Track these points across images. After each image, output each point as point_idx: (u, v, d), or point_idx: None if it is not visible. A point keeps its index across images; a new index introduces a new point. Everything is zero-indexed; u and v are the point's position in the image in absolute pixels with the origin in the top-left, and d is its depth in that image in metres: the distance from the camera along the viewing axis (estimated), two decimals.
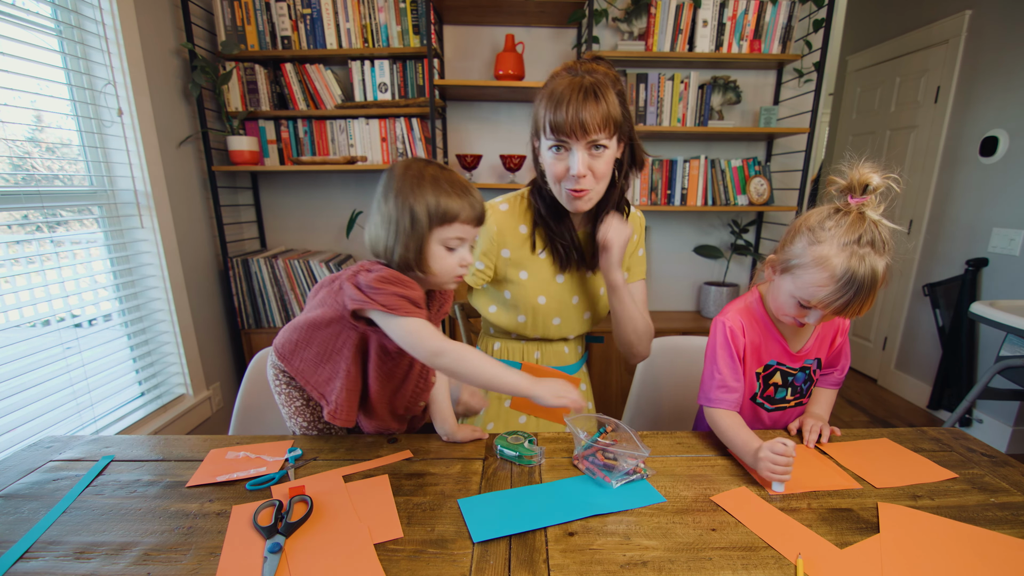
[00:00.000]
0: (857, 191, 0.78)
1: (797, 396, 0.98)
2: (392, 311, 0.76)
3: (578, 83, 0.87)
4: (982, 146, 2.38)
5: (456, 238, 0.79)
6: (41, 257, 1.49)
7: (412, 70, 2.13)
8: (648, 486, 0.77)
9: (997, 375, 1.77)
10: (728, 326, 0.91)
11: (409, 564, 0.61)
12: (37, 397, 1.42)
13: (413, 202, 0.76)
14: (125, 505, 0.73)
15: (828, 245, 0.77)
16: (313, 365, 0.86)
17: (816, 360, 0.97)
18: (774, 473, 0.75)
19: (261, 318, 2.21)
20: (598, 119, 0.86)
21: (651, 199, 2.31)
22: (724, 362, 0.91)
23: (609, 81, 0.89)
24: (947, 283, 2.51)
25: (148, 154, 1.75)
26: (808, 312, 0.82)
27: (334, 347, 0.85)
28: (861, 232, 0.75)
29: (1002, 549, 0.64)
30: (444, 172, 0.80)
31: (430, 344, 0.76)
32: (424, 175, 0.78)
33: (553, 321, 1.09)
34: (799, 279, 0.80)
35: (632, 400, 1.32)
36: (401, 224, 0.76)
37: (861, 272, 0.74)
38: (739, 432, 0.85)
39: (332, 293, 0.83)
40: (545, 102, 0.89)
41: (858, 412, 2.74)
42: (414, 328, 0.77)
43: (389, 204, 0.77)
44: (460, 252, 0.81)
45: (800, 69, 2.26)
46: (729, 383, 0.90)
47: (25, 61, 1.42)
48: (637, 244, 1.11)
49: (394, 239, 0.77)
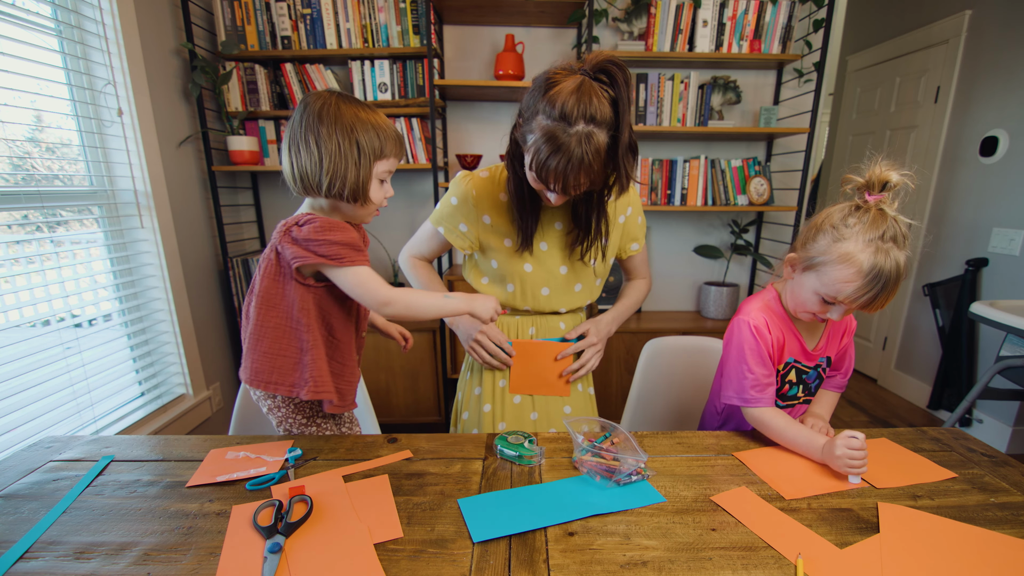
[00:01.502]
0: (876, 188, 0.80)
1: (806, 394, 1.00)
2: (338, 261, 0.79)
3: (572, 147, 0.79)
4: (982, 146, 2.38)
5: (387, 171, 0.84)
6: (41, 257, 1.49)
7: (412, 70, 2.13)
8: (648, 486, 0.77)
9: (997, 375, 1.77)
10: (754, 324, 0.91)
11: (409, 564, 0.61)
12: (37, 397, 1.42)
13: (358, 135, 0.78)
14: (125, 505, 0.73)
15: (853, 242, 0.78)
16: (271, 359, 0.85)
17: (827, 358, 0.98)
18: (852, 468, 0.78)
19: None
20: (582, 183, 0.85)
21: (651, 199, 2.31)
22: (755, 360, 0.91)
23: (606, 127, 0.81)
24: (947, 283, 2.51)
25: (148, 154, 1.75)
26: (831, 308, 0.83)
27: (291, 321, 0.84)
28: (884, 228, 0.77)
29: (1002, 549, 0.64)
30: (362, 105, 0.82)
31: (379, 294, 0.82)
32: (350, 109, 0.79)
33: (542, 291, 1.08)
34: (825, 276, 0.81)
35: (632, 400, 1.32)
36: (349, 156, 0.78)
37: (887, 267, 0.76)
38: (798, 429, 0.87)
39: (270, 261, 0.83)
40: (538, 136, 0.81)
41: (858, 412, 2.74)
42: (360, 279, 0.81)
43: (332, 137, 0.77)
44: (386, 185, 0.86)
45: (800, 69, 2.26)
46: (763, 380, 0.91)
47: (25, 61, 1.42)
48: (635, 214, 1.12)
49: (339, 172, 0.78)
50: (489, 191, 1.05)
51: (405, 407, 2.31)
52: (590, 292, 1.13)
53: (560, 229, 1.06)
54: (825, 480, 0.80)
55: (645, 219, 1.15)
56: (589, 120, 0.79)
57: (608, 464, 0.79)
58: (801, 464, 0.84)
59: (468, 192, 1.04)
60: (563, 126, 0.79)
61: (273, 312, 0.84)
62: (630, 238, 1.13)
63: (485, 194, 1.05)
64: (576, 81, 0.79)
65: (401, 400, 2.29)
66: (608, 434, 0.87)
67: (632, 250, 1.15)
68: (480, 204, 1.05)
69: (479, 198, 1.04)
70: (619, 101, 0.81)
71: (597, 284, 1.14)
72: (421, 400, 2.29)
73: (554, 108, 0.79)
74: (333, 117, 0.78)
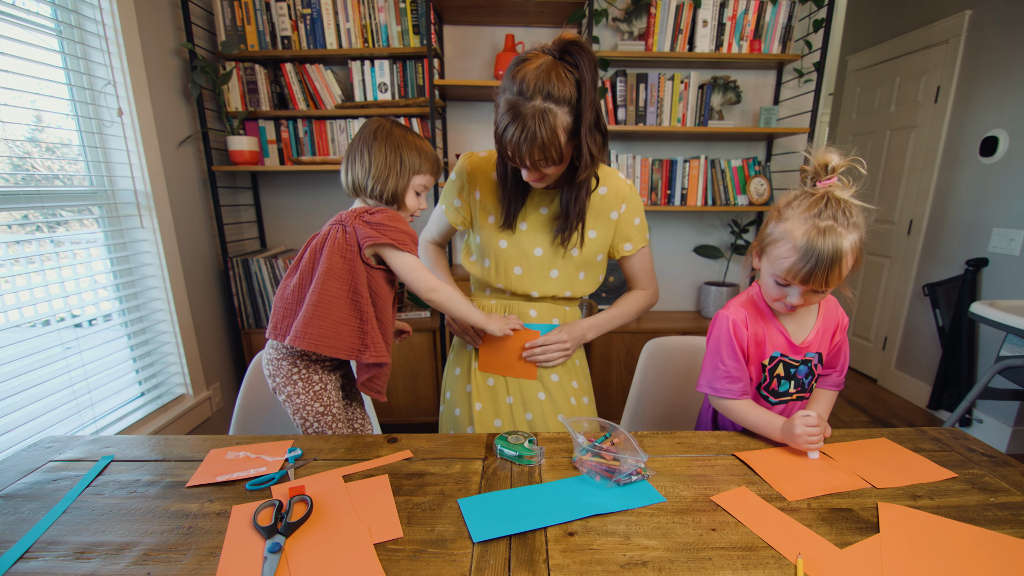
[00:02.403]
0: (822, 174, 0.85)
1: (799, 390, 0.99)
2: (401, 246, 0.93)
3: (527, 121, 0.83)
4: (982, 146, 2.38)
5: (423, 185, 0.99)
6: (41, 257, 1.49)
7: (412, 70, 2.13)
8: (648, 486, 0.77)
9: (997, 375, 1.77)
10: (731, 319, 0.94)
11: (409, 564, 0.61)
12: (37, 397, 1.42)
13: (403, 151, 0.95)
14: (125, 505, 0.73)
15: (792, 221, 0.83)
16: (335, 324, 0.92)
17: (818, 354, 0.98)
18: (811, 443, 0.85)
19: (261, 318, 2.21)
20: (536, 158, 0.87)
21: (651, 199, 2.31)
22: (728, 354, 0.94)
23: (565, 105, 0.84)
24: (947, 283, 2.51)
25: (148, 154, 1.75)
26: (787, 291, 0.87)
27: (353, 292, 0.94)
28: (821, 207, 0.81)
29: (1002, 549, 0.64)
30: (409, 131, 0.99)
31: (428, 280, 0.98)
32: (398, 131, 0.96)
33: (514, 270, 1.09)
34: (770, 255, 0.86)
35: (632, 400, 1.32)
36: (393, 167, 0.95)
37: (821, 243, 0.79)
38: (759, 412, 0.93)
39: (338, 241, 0.93)
40: (501, 111, 0.87)
41: (858, 412, 2.74)
42: (414, 264, 0.96)
43: (382, 151, 0.94)
44: (422, 197, 1.02)
45: (800, 69, 2.26)
46: (734, 374, 0.94)
47: (25, 61, 1.42)
48: (631, 213, 1.10)
49: (384, 180, 0.95)
50: (483, 169, 1.10)
51: (405, 407, 2.31)
52: (569, 283, 1.10)
53: (545, 214, 1.08)
54: (826, 480, 0.80)
55: (646, 223, 1.13)
56: (547, 97, 0.83)
57: (608, 464, 0.79)
58: (803, 465, 0.84)
59: (464, 167, 1.11)
60: (521, 100, 0.84)
61: (339, 284, 0.93)
62: (623, 237, 1.11)
63: (479, 171, 1.10)
64: (541, 60, 0.85)
65: (401, 400, 2.29)
66: (608, 434, 0.87)
67: (625, 251, 1.12)
68: (473, 180, 1.10)
69: (472, 174, 1.10)
70: (582, 82, 0.85)
71: (581, 278, 1.11)
72: (421, 400, 2.29)
73: (515, 84, 0.85)
74: (384, 135, 0.95)
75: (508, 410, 1.11)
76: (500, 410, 1.11)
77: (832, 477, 0.81)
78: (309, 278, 0.94)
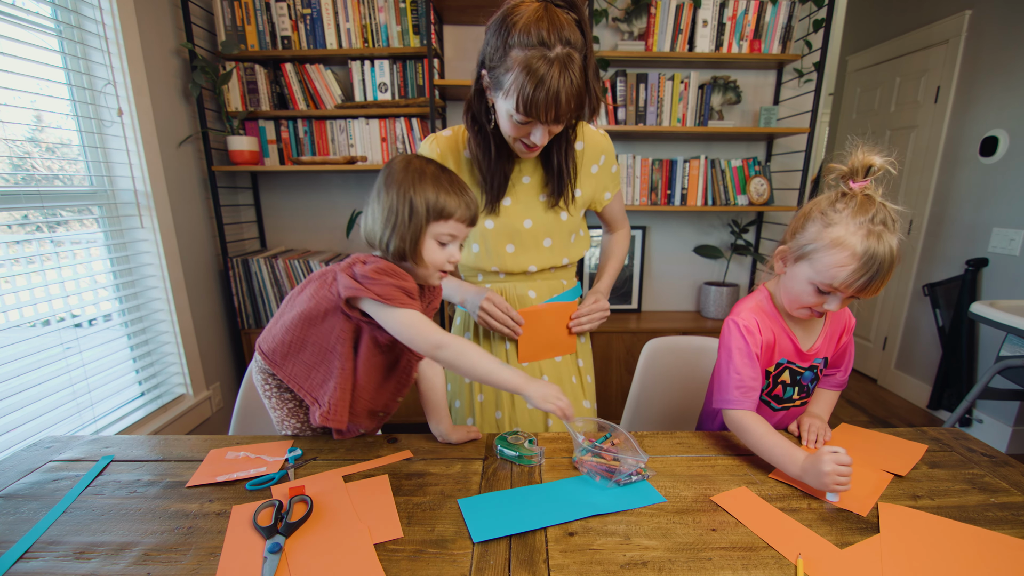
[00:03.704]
0: (860, 174, 0.79)
1: (803, 396, 0.98)
2: (388, 301, 0.76)
3: (558, 70, 0.78)
4: (982, 146, 2.38)
5: (449, 234, 0.81)
6: (41, 257, 1.49)
7: (412, 70, 2.13)
8: (648, 486, 0.77)
9: (997, 375, 1.77)
10: (743, 325, 0.90)
11: (409, 564, 0.61)
12: (37, 397, 1.42)
13: (413, 195, 0.78)
14: (125, 505, 0.73)
15: (843, 226, 0.77)
16: (307, 368, 0.85)
17: (824, 359, 0.96)
18: (839, 484, 0.72)
19: (261, 318, 2.21)
20: (572, 108, 0.82)
21: (651, 199, 2.31)
22: (742, 361, 0.88)
23: (578, 49, 0.81)
24: (947, 283, 2.50)
25: (148, 154, 1.75)
26: (827, 298, 0.81)
27: (328, 343, 0.83)
28: (874, 211, 0.76)
29: (1002, 549, 0.64)
30: (444, 171, 0.82)
31: (431, 337, 0.78)
32: (425, 172, 0.80)
33: (507, 248, 1.04)
34: (818, 263, 0.80)
35: (632, 400, 1.32)
36: (400, 215, 0.78)
37: (881, 249, 0.75)
38: (776, 439, 0.81)
39: (324, 285, 0.83)
40: (519, 71, 0.79)
41: (858, 412, 2.74)
42: (411, 320, 0.78)
43: (390, 196, 0.79)
44: (450, 248, 0.83)
45: (800, 69, 2.26)
46: (747, 383, 0.88)
47: (25, 61, 1.42)
48: (609, 163, 1.09)
49: (392, 229, 0.79)
50: (453, 148, 1.04)
51: (405, 407, 2.29)
52: (564, 249, 1.08)
53: (528, 183, 1.03)
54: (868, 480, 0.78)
55: (619, 168, 1.12)
56: (565, 43, 0.78)
57: (608, 464, 0.79)
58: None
59: (433, 152, 1.03)
60: (543, 51, 0.78)
61: (313, 330, 0.84)
62: (603, 188, 1.10)
63: (449, 152, 1.04)
64: (539, 8, 0.79)
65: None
66: (608, 434, 0.87)
67: (606, 199, 1.12)
68: (445, 161, 1.02)
69: (443, 156, 1.03)
70: (582, 22, 0.81)
71: (572, 240, 1.08)
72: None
73: (530, 36, 0.77)
74: (398, 177, 0.79)
75: (509, 400, 1.10)
76: (501, 401, 1.10)
77: (860, 476, 0.79)
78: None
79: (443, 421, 0.93)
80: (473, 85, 0.93)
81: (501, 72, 0.83)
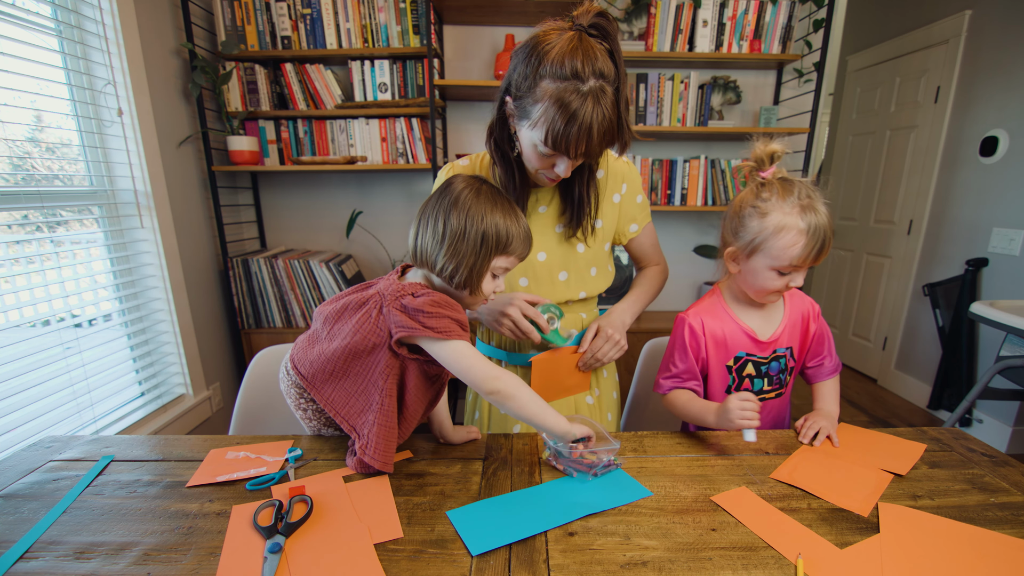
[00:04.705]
0: (766, 163, 0.87)
1: (775, 387, 0.99)
2: (445, 335, 0.74)
3: (591, 104, 0.75)
4: (982, 146, 2.38)
5: (504, 268, 0.81)
6: (41, 257, 1.49)
7: (412, 70, 2.13)
8: (627, 477, 0.78)
9: (997, 375, 1.77)
10: (688, 323, 0.97)
11: (409, 564, 0.61)
12: (37, 397, 1.42)
13: (486, 226, 0.75)
14: (125, 505, 0.73)
15: (779, 211, 0.84)
16: (346, 395, 0.82)
17: (788, 349, 0.98)
18: (745, 418, 0.82)
19: (261, 318, 2.21)
20: (603, 143, 0.80)
21: (651, 199, 2.31)
22: (680, 356, 0.98)
23: (611, 82, 0.78)
24: (947, 283, 2.51)
25: (148, 154, 1.75)
26: (791, 276, 0.87)
27: (371, 377, 0.80)
28: (797, 189, 0.84)
29: (1002, 549, 0.64)
30: (507, 199, 0.80)
31: (488, 370, 0.76)
32: (496, 201, 0.77)
33: (520, 282, 1.01)
34: (772, 250, 0.85)
35: (632, 400, 1.32)
36: (471, 244, 0.75)
37: (819, 219, 0.82)
38: (696, 401, 0.94)
39: (369, 319, 0.78)
40: (549, 103, 0.76)
41: (858, 412, 2.74)
42: (466, 352, 0.76)
43: (460, 221, 0.75)
44: (499, 280, 0.82)
45: (800, 69, 2.26)
46: (682, 375, 0.97)
47: (25, 61, 1.42)
48: (632, 192, 1.04)
49: (458, 257, 0.76)
50: None
51: None
52: (582, 283, 1.03)
53: (544, 212, 1.00)
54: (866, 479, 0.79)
55: (647, 200, 1.08)
56: (599, 75, 0.75)
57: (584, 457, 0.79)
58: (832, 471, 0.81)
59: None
60: (576, 84, 0.74)
61: (356, 362, 0.80)
62: (628, 219, 1.05)
63: None
64: (573, 37, 0.76)
65: None
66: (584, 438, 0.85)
67: (631, 232, 1.06)
68: None
69: None
70: (615, 53, 0.78)
71: (592, 274, 1.04)
72: None
73: (563, 68, 0.74)
74: (467, 204, 0.75)
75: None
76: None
77: (860, 476, 0.80)
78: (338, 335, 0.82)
79: (444, 423, 0.93)
80: (495, 111, 0.90)
81: (529, 102, 0.80)
